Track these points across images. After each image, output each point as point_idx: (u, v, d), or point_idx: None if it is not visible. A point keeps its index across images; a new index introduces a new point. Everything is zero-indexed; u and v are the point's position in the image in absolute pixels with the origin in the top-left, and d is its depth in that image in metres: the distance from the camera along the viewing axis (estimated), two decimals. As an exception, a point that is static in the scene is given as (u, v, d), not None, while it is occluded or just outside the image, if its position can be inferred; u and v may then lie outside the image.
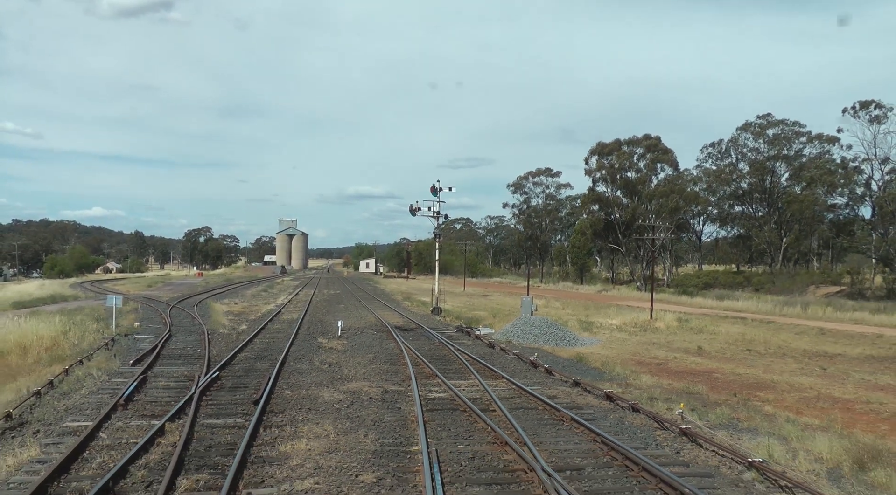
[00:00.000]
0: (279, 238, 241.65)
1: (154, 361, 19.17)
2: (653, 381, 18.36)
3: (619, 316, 39.92)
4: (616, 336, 31.23)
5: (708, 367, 21.81)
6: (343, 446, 10.61)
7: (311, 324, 32.17)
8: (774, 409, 14.71)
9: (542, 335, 28.02)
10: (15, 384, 16.98)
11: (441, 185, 38.88)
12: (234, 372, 17.50)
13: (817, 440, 11.16)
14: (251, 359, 20.21)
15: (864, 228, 66.93)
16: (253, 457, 9.88)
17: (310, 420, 12.34)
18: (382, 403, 13.96)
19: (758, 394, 16.85)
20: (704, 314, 43.78)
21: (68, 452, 9.78)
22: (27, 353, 22.73)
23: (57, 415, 12.77)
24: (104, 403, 13.61)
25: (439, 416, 12.74)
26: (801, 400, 16.45)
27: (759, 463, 9.52)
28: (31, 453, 10.16)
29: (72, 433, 11.37)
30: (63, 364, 19.38)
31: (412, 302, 51.77)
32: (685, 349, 26.69)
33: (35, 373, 18.53)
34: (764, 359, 24.23)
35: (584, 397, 15.01)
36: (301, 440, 10.84)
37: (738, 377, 19.89)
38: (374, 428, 11.83)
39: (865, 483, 9.26)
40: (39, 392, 14.57)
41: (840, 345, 28.37)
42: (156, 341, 23.78)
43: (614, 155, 74.68)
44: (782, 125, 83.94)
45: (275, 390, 14.89)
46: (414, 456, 10.07)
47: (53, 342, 24.59)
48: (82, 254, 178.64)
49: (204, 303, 46.30)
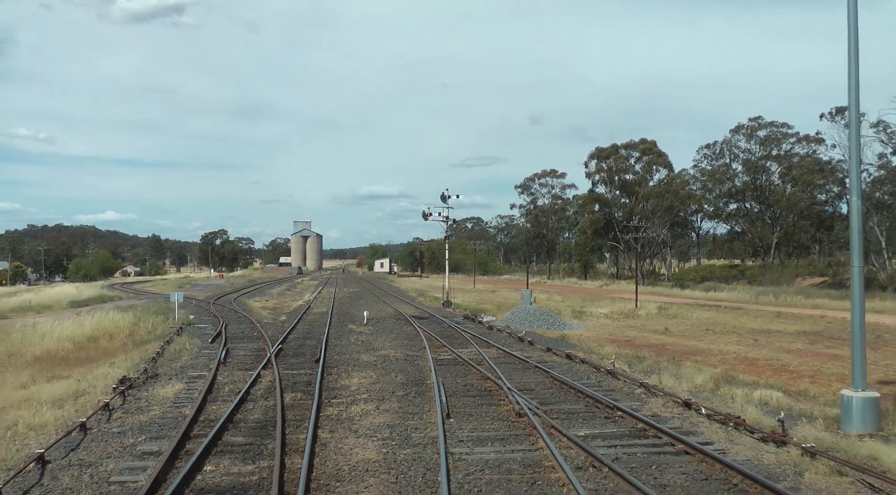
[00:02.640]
0: (294, 239, 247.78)
1: (226, 341, 24.72)
2: (612, 350, 23.65)
3: (609, 306, 45.15)
4: (601, 322, 36.48)
5: (664, 342, 27.07)
6: (381, 381, 16.13)
7: (340, 315, 37.71)
8: (693, 364, 20.02)
9: (536, 321, 33.28)
10: (121, 357, 22.60)
11: (450, 193, 44.67)
12: (291, 347, 23.05)
13: (699, 376, 16.53)
14: (300, 338, 25.78)
15: (842, 224, 71.73)
16: (325, 387, 15.37)
17: (356, 369, 17.88)
18: (405, 361, 19.48)
19: (690, 357, 22.13)
20: (687, 303, 48.97)
21: (206, 385, 15.30)
22: (113, 339, 28.35)
23: (178, 370, 18.32)
24: (208, 363, 19.19)
25: (445, 367, 18.21)
26: (722, 360, 21.68)
27: (648, 384, 14.93)
28: (179, 387, 15.69)
29: (198, 378, 16.92)
30: (146, 346, 24.97)
31: (426, 297, 57.20)
32: (654, 330, 31.92)
33: (126, 352, 24.08)
34: (715, 336, 29.44)
35: (550, 357, 20.47)
36: (353, 378, 16.38)
37: (684, 347, 25.15)
38: (401, 373, 17.35)
39: (713, 394, 14.60)
40: (155, 358, 20.14)
41: (785, 324, 33.57)
42: (216, 329, 29.32)
43: (612, 158, 79.87)
44: (772, 127, 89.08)
45: (326, 355, 20.38)
46: (428, 384, 15.53)
47: (131, 330, 30.24)
48: (105, 258, 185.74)
49: (238, 301, 51.99)
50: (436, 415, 12.18)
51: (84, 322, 31.10)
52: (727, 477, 8.89)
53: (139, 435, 11.43)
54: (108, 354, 24.17)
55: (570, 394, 14.50)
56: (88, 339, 27.80)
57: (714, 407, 12.81)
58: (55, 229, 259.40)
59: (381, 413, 12.86)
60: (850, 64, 12.12)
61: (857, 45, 12.07)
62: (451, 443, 10.57)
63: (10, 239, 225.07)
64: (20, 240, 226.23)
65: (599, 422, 12.05)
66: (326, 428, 11.61)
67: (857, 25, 12.05)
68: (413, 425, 11.89)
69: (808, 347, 24.97)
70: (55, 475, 9.33)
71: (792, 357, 22.08)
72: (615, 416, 12.39)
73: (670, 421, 12.02)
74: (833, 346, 24.99)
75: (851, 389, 11.73)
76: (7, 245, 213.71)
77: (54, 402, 14.71)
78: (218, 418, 12.01)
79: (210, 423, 11.81)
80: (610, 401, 13.22)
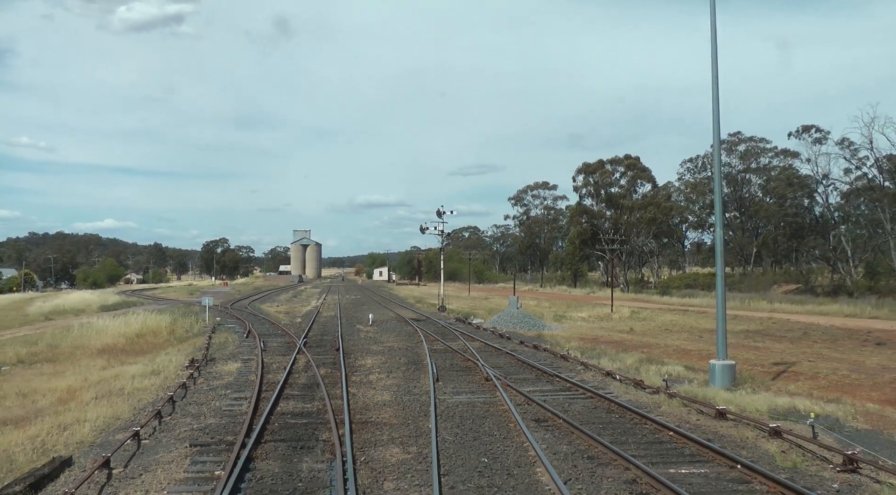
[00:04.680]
0: (293, 248, 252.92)
1: (258, 336, 29.82)
2: (577, 344, 28.76)
3: (589, 311, 50.24)
4: (577, 324, 41.61)
5: (624, 339, 32.16)
6: (389, 362, 21.36)
7: (347, 318, 42.87)
8: (635, 353, 25.15)
9: (520, 323, 38.38)
10: (170, 349, 27.67)
11: (445, 209, 50.02)
12: (313, 341, 28.22)
13: (630, 359, 21.74)
14: (318, 335, 30.95)
15: (811, 234, 77.12)
16: (347, 365, 20.53)
17: (368, 355, 23.10)
18: (406, 350, 24.68)
19: (638, 349, 27.24)
20: (660, 308, 54.13)
21: (258, 364, 20.43)
22: (157, 336, 33.44)
23: (229, 355, 23.46)
24: (251, 351, 24.35)
25: (437, 354, 23.38)
26: (663, 352, 26.81)
27: (588, 363, 20.11)
28: (238, 365, 20.84)
29: (249, 360, 22.08)
30: (188, 341, 30.05)
31: (423, 303, 62.36)
32: (620, 330, 37.03)
33: (172, 346, 29.17)
34: (671, 335, 34.56)
35: (521, 347, 25.68)
36: (367, 360, 21.61)
37: (638, 342, 30.26)
38: (403, 356, 22.59)
39: (635, 370, 19.75)
40: (206, 347, 25.28)
41: (735, 324, 38.67)
42: (245, 328, 34.40)
43: (598, 173, 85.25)
44: (751, 141, 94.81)
45: (343, 345, 25.53)
46: (424, 364, 20.70)
47: (170, 329, 35.33)
48: (113, 266, 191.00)
49: (252, 306, 57.16)
50: (429, 380, 17.36)
51: (130, 322, 36.19)
52: (609, 407, 14.13)
53: (226, 390, 16.63)
54: (157, 347, 29.27)
55: (527, 369, 19.70)
56: (137, 336, 32.91)
57: (628, 376, 17.99)
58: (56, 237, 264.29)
59: (390, 378, 18.09)
60: (714, 124, 17.36)
61: (718, 111, 17.31)
62: (439, 394, 15.75)
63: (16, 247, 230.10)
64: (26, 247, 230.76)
65: (541, 384, 17.26)
66: (353, 386, 16.81)
67: (718, 92, 17.30)
68: (413, 385, 17.10)
69: (739, 341, 30.09)
70: (183, 408, 14.51)
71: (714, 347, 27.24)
72: (553, 381, 17.61)
73: (591, 383, 17.24)
74: (759, 340, 30.16)
75: (717, 360, 16.96)
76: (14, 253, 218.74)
77: (143, 376, 19.85)
78: (277, 382, 17.18)
79: (272, 385, 16.96)
80: (553, 372, 18.44)
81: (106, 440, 12.45)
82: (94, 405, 15.92)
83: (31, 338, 34.40)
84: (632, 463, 9.75)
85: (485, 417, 13.39)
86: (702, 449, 10.69)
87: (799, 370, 21.24)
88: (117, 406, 15.59)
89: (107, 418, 14.35)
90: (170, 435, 12.35)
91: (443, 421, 12.92)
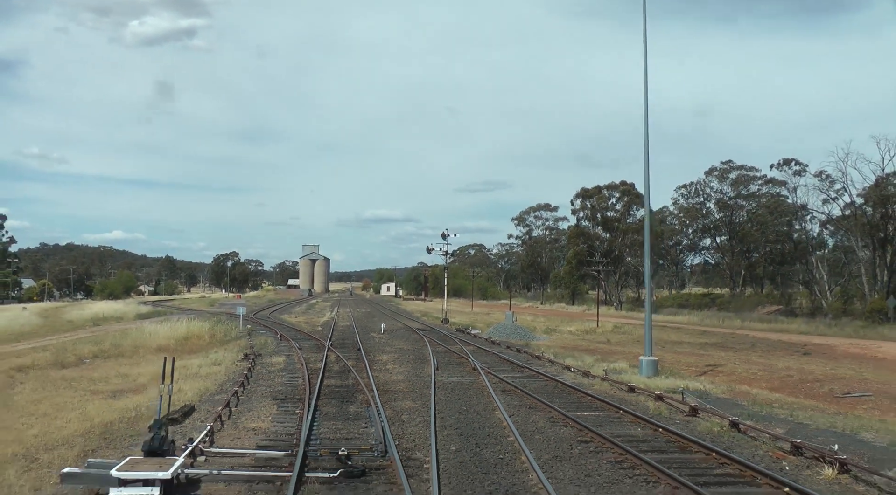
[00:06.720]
0: (302, 262, 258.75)
1: (290, 339, 35.69)
2: (556, 350, 34.57)
3: (578, 325, 56.06)
4: (564, 336, 47.44)
5: (599, 348, 37.95)
6: (400, 358, 27.36)
7: (361, 327, 48.83)
8: (598, 356, 30.93)
9: (513, 334, 44.25)
10: (217, 349, 33.55)
11: (449, 232, 56.42)
12: (336, 343, 34.19)
13: (590, 359, 27.64)
14: (339, 340, 36.94)
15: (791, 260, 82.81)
16: (369, 359, 26.45)
17: (384, 353, 29.10)
18: (413, 351, 30.66)
19: (606, 356, 33.04)
20: (641, 324, 59.72)
21: (301, 357, 26.37)
22: (200, 339, 39.29)
23: (273, 352, 29.42)
24: (290, 349, 30.35)
25: (438, 353, 29.31)
26: (621, 356, 32.55)
27: (555, 361, 26.02)
28: (283, 358, 26.82)
29: (290, 355, 28.05)
30: (230, 343, 35.90)
31: (428, 317, 68.26)
32: (599, 341, 42.85)
33: (217, 347, 34.99)
34: (639, 345, 40.28)
35: (507, 351, 31.62)
36: (383, 356, 27.62)
37: (607, 349, 36.07)
38: (411, 355, 28.59)
39: (589, 366, 25.61)
40: (251, 346, 31.24)
41: (699, 337, 44.50)
42: (276, 333, 40.36)
43: (595, 198, 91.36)
44: (741, 169, 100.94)
45: (363, 347, 31.45)
46: (427, 360, 26.62)
47: (211, 333, 41.25)
48: (129, 278, 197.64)
49: (272, 316, 63.20)
50: (430, 369, 23.30)
51: (175, 327, 42.05)
52: (556, 385, 20.13)
53: (282, 373, 22.64)
54: (204, 348, 35.11)
55: (507, 364, 25.66)
56: (184, 339, 38.72)
57: (581, 369, 23.87)
58: (67, 248, 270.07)
59: (402, 368, 24.11)
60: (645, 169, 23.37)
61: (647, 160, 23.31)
62: (437, 377, 21.68)
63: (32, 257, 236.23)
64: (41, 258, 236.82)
65: (514, 373, 23.22)
66: (375, 372, 22.80)
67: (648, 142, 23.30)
68: (419, 371, 23.09)
69: (693, 350, 35.92)
70: (256, 381, 20.50)
71: (670, 354, 33.08)
72: (524, 371, 23.59)
73: (550, 373, 23.19)
74: (710, 350, 36.01)
75: (644, 356, 22.92)
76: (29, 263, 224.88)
77: (208, 366, 25.74)
78: (318, 368, 23.14)
79: (315, 371, 22.89)
80: (525, 366, 24.39)
81: (208, 399, 18.37)
82: (184, 382, 21.85)
83: (95, 339, 40.37)
84: (555, 409, 15.71)
85: (468, 389, 19.37)
86: (603, 404, 16.69)
87: (723, 370, 27.18)
88: (201, 383, 21.53)
89: (198, 390, 20.27)
90: (256, 394, 18.39)
91: (439, 391, 18.90)
